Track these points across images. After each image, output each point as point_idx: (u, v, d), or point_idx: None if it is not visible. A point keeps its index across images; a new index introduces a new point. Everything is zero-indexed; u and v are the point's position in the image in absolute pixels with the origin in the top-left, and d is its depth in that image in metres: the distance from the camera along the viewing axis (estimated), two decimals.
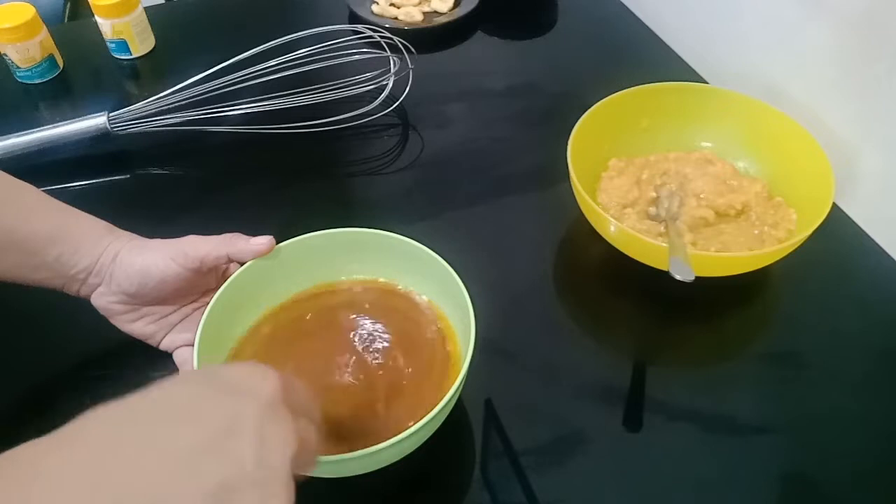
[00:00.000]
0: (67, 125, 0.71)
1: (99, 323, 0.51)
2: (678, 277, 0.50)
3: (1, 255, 0.47)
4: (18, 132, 0.71)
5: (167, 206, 0.69)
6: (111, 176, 0.73)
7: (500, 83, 0.84)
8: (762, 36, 0.75)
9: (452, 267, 0.49)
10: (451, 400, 0.43)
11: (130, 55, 0.86)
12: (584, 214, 0.61)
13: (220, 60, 0.72)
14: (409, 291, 0.54)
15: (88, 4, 0.83)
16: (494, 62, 0.89)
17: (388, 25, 0.87)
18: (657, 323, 0.60)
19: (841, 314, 0.60)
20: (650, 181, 0.65)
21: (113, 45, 0.86)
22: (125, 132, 0.72)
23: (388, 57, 0.75)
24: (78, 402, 0.29)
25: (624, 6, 0.96)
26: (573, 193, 0.60)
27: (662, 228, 0.60)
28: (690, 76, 0.83)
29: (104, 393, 0.29)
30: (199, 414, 0.29)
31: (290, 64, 0.72)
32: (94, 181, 0.71)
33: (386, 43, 0.76)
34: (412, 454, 0.45)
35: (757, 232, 0.61)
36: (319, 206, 0.69)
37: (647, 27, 0.92)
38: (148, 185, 0.72)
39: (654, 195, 0.64)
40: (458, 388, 0.44)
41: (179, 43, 0.91)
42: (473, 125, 0.78)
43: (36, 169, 0.70)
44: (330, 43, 0.74)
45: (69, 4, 1.14)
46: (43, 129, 0.71)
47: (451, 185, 0.72)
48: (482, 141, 0.76)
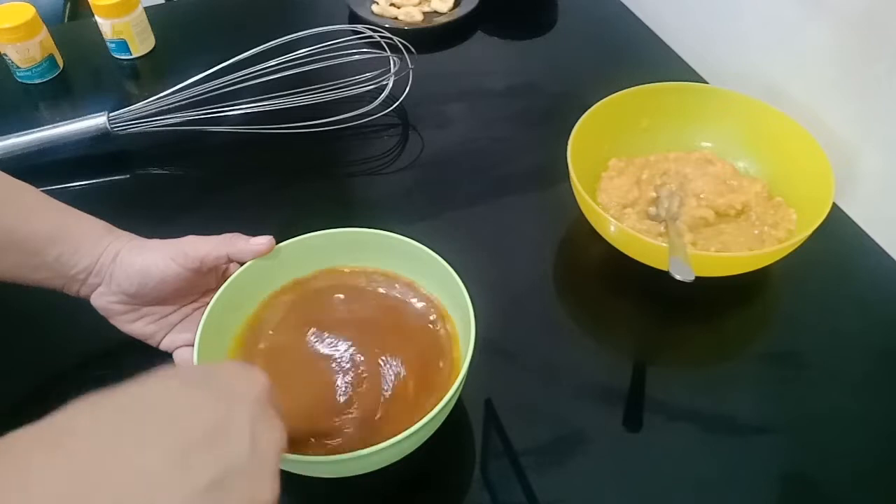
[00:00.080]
0: (67, 125, 0.71)
1: (99, 323, 0.51)
2: (678, 277, 0.50)
3: (1, 255, 0.47)
4: (18, 132, 0.71)
5: (167, 206, 0.69)
6: (111, 176, 0.73)
7: (500, 83, 0.84)
8: (762, 36, 0.75)
9: (452, 267, 0.49)
10: (451, 400, 0.43)
11: (130, 55, 0.87)
12: (584, 214, 0.61)
13: (220, 60, 0.72)
14: (409, 291, 0.54)
15: (88, 4, 0.83)
16: (494, 62, 0.89)
17: (388, 25, 0.87)
18: (657, 323, 0.60)
19: (841, 314, 0.60)
20: (650, 181, 0.65)
21: (113, 45, 0.86)
22: (125, 132, 0.72)
23: (388, 57, 0.75)
24: None
25: (624, 6, 0.96)
26: (573, 193, 0.60)
27: (662, 228, 0.60)
28: (690, 76, 0.83)
29: None
30: (192, 411, 0.30)
31: (290, 64, 0.72)
32: (94, 181, 0.72)
33: (386, 43, 0.76)
34: (412, 454, 0.45)
35: (757, 232, 0.61)
36: (319, 206, 0.69)
37: (647, 27, 0.92)
38: (148, 185, 0.72)
39: (654, 195, 0.64)
40: (458, 388, 0.44)
41: (179, 43, 0.91)
42: (473, 125, 0.78)
43: (36, 169, 0.70)
44: (330, 43, 0.74)
45: (69, 4, 1.14)
46: (43, 129, 0.71)
47: (451, 185, 0.72)
48: (482, 141, 0.76)
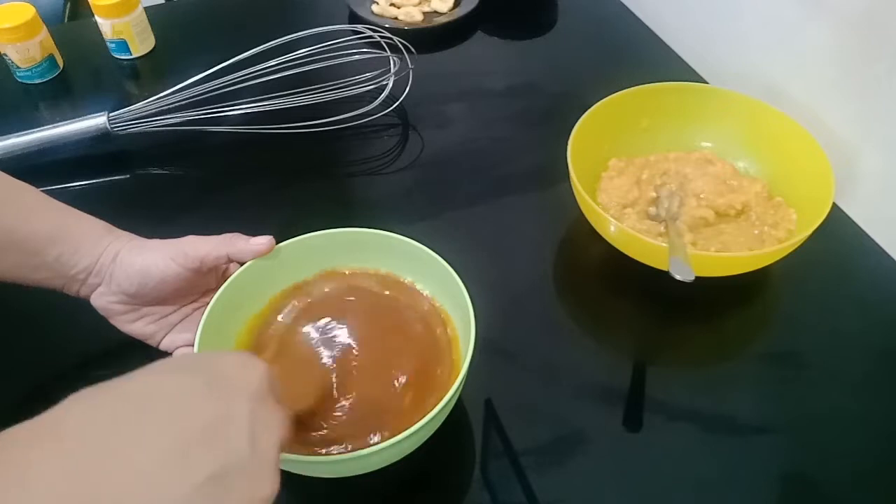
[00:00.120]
0: (67, 125, 0.71)
1: (99, 323, 0.51)
2: (678, 277, 0.50)
3: (1, 255, 0.47)
4: (18, 132, 0.71)
5: (167, 206, 0.69)
6: (111, 176, 0.73)
7: (500, 83, 0.84)
8: (762, 36, 0.75)
9: (452, 267, 0.49)
10: (451, 400, 0.43)
11: (130, 55, 0.86)
12: (584, 214, 0.61)
13: (220, 60, 0.72)
14: (408, 290, 0.54)
15: (88, 4, 0.83)
16: (494, 62, 0.89)
17: (388, 25, 0.87)
18: (657, 323, 0.60)
19: (841, 314, 0.60)
20: (650, 181, 0.65)
21: (113, 45, 0.86)
22: (125, 132, 0.72)
23: (388, 57, 0.75)
24: None
25: (624, 6, 0.96)
26: (573, 193, 0.60)
27: (662, 228, 0.60)
28: (690, 76, 0.83)
29: None
30: (190, 406, 0.29)
31: (290, 64, 0.72)
32: (94, 181, 0.71)
33: (386, 43, 0.76)
34: (412, 454, 0.45)
35: (757, 232, 0.61)
36: (319, 206, 0.69)
37: (647, 27, 0.92)
38: (148, 185, 0.72)
39: (654, 195, 0.64)
40: (458, 388, 0.44)
41: (179, 43, 0.91)
42: (473, 125, 0.78)
43: (36, 169, 0.70)
44: (330, 43, 0.74)
45: (69, 4, 1.14)
46: (43, 129, 0.71)
47: (451, 185, 0.72)
48: (482, 141, 0.76)
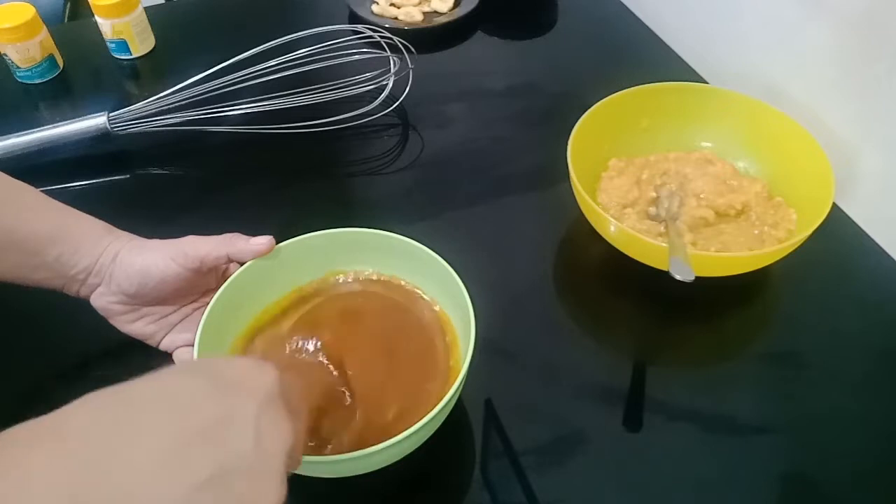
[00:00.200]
0: (67, 125, 0.71)
1: (99, 323, 0.51)
2: (678, 277, 0.50)
3: (1, 255, 0.47)
4: (18, 132, 0.71)
5: (167, 206, 0.69)
6: (111, 176, 0.73)
7: (500, 83, 0.84)
8: (762, 36, 0.75)
9: (452, 267, 0.49)
10: (451, 400, 0.43)
11: (130, 55, 0.86)
12: (584, 214, 0.61)
13: (220, 60, 0.72)
14: (409, 290, 0.54)
15: (88, 4, 0.83)
16: (494, 62, 0.89)
17: (388, 25, 0.87)
18: (657, 323, 0.60)
19: (841, 314, 0.60)
20: (650, 181, 0.65)
21: (113, 45, 0.86)
22: (125, 132, 0.72)
23: (388, 57, 0.75)
24: None
25: (624, 6, 0.96)
26: (573, 193, 0.60)
27: (662, 228, 0.60)
28: (690, 76, 0.83)
29: None
30: (195, 407, 0.29)
31: (290, 64, 0.72)
32: (94, 181, 0.71)
33: (386, 43, 0.76)
34: (412, 454, 0.45)
35: (757, 232, 0.61)
36: (319, 206, 0.69)
37: (647, 27, 0.92)
38: (148, 185, 0.72)
39: (654, 195, 0.64)
40: (458, 388, 0.44)
41: (179, 43, 0.91)
42: (473, 125, 0.78)
43: (36, 169, 0.70)
44: (330, 43, 0.74)
45: (69, 4, 1.14)
46: (43, 129, 0.71)
47: (451, 185, 0.72)
48: (482, 141, 0.76)
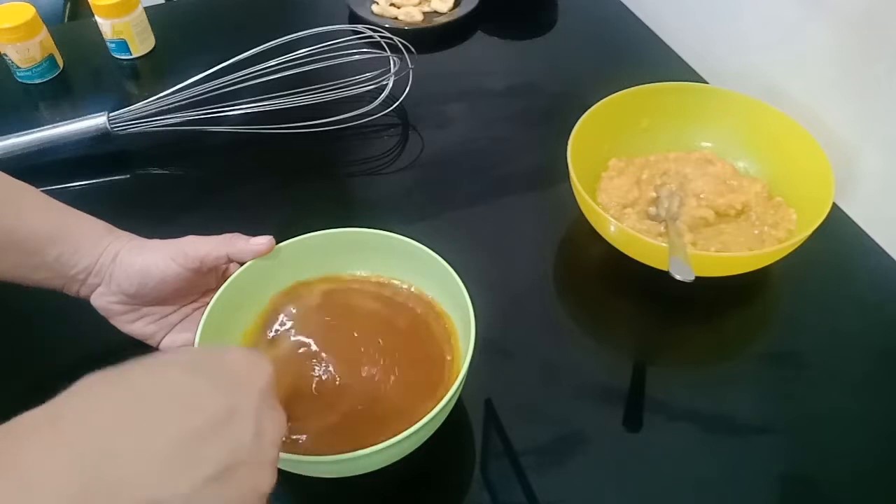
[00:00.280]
0: (67, 125, 0.71)
1: (99, 323, 0.51)
2: (678, 277, 0.50)
3: (1, 255, 0.47)
4: (18, 132, 0.71)
5: (167, 206, 0.69)
6: (111, 176, 0.73)
7: (500, 83, 0.84)
8: (762, 36, 0.75)
9: (452, 267, 0.49)
10: (451, 400, 0.43)
11: (130, 55, 0.86)
12: (584, 214, 0.61)
13: (220, 60, 0.72)
14: (408, 290, 0.54)
15: (88, 4, 0.83)
16: (494, 62, 0.89)
17: (388, 25, 0.87)
18: (657, 323, 0.60)
19: (841, 314, 0.60)
20: (650, 181, 0.65)
21: (113, 45, 0.86)
22: (125, 132, 0.72)
23: (388, 57, 0.75)
24: None
25: (624, 6, 0.96)
26: (573, 193, 0.60)
27: (662, 228, 0.60)
28: (690, 76, 0.83)
29: None
30: (199, 406, 0.30)
31: (290, 64, 0.72)
32: (94, 181, 0.71)
33: (386, 43, 0.76)
34: (412, 454, 0.45)
35: (757, 232, 0.61)
36: (319, 206, 0.69)
37: (647, 27, 0.92)
38: (148, 185, 0.72)
39: (654, 195, 0.64)
40: (458, 388, 0.44)
41: (179, 43, 0.91)
42: (473, 125, 0.78)
43: (36, 169, 0.70)
44: (330, 43, 0.74)
45: (69, 4, 1.14)
46: (43, 129, 0.71)
47: (451, 185, 0.72)
48: (482, 141, 0.76)
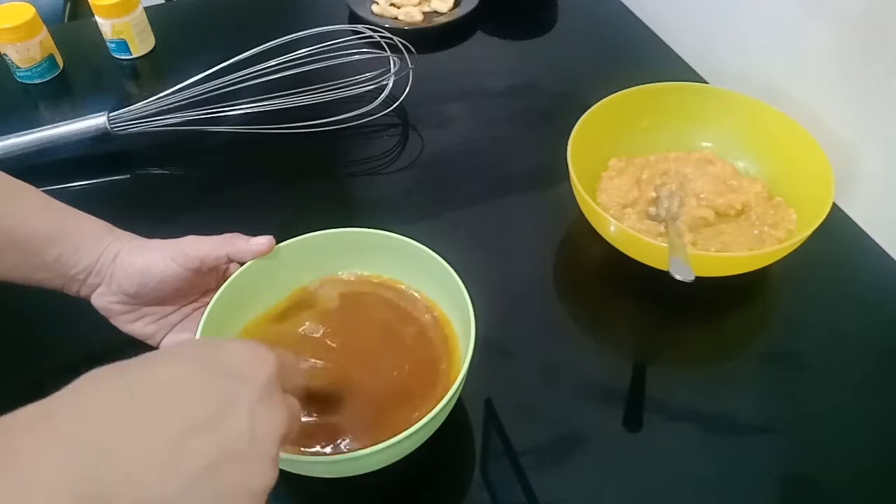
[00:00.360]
0: (67, 125, 0.71)
1: (99, 323, 0.51)
2: (678, 277, 0.50)
3: (1, 255, 0.47)
4: (18, 132, 0.71)
5: (167, 206, 0.69)
6: (111, 176, 0.73)
7: (500, 83, 0.84)
8: (762, 36, 0.75)
9: (452, 267, 0.49)
10: (451, 400, 0.43)
11: (130, 55, 0.86)
12: (584, 214, 0.61)
13: (220, 60, 0.72)
14: (408, 291, 0.54)
15: (88, 4, 0.83)
16: (494, 62, 0.89)
17: (388, 25, 0.87)
18: (657, 323, 0.60)
19: (841, 314, 0.60)
20: (650, 181, 0.65)
21: (113, 45, 0.86)
22: (125, 132, 0.72)
23: (388, 57, 0.75)
24: None
25: (624, 6, 0.96)
26: (573, 193, 0.60)
27: (662, 228, 0.60)
28: (690, 76, 0.83)
29: None
30: (194, 398, 0.30)
31: (290, 64, 0.72)
32: (94, 181, 0.71)
33: (386, 43, 0.76)
34: (412, 454, 0.45)
35: (757, 232, 0.61)
36: (319, 206, 0.69)
37: (647, 27, 0.92)
38: (148, 185, 0.72)
39: (654, 195, 0.64)
40: (458, 388, 0.44)
41: (179, 43, 0.91)
42: (473, 125, 0.78)
43: (36, 169, 0.70)
44: (330, 43, 0.74)
45: (69, 4, 1.14)
46: (43, 129, 0.71)
47: (451, 185, 0.72)
48: (482, 141, 0.76)
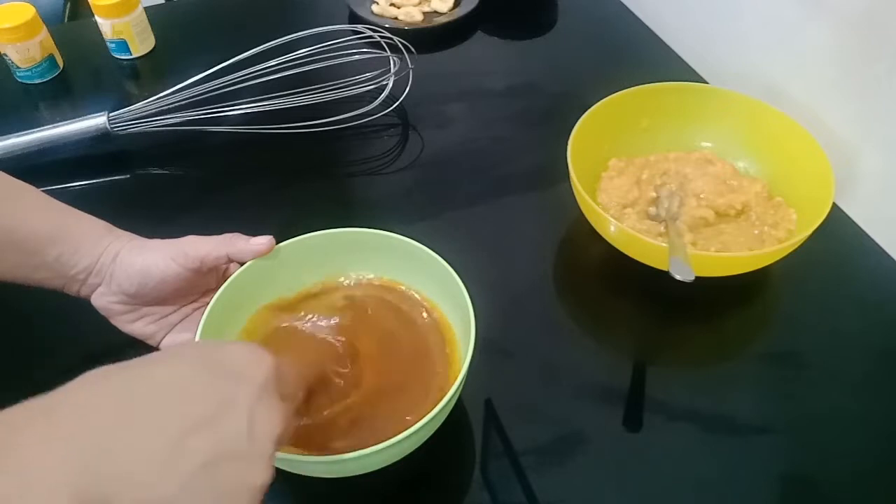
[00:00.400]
0: (67, 125, 0.71)
1: (99, 323, 0.51)
2: (678, 277, 0.50)
3: (1, 255, 0.47)
4: (18, 132, 0.71)
5: (167, 206, 0.69)
6: (111, 176, 0.73)
7: (500, 83, 0.84)
8: (762, 36, 0.75)
9: (452, 267, 0.49)
10: (451, 400, 0.43)
11: (130, 55, 0.86)
12: (584, 214, 0.61)
13: (220, 60, 0.72)
14: (409, 291, 0.54)
15: (88, 4, 0.83)
16: (494, 62, 0.89)
17: (388, 25, 0.87)
18: (657, 323, 0.60)
19: (841, 314, 0.60)
20: (650, 181, 0.65)
21: (113, 45, 0.86)
22: (125, 132, 0.72)
23: (388, 57, 0.75)
24: None
25: (624, 6, 0.96)
26: (573, 193, 0.60)
27: (662, 228, 0.60)
28: (690, 76, 0.83)
29: None
30: (192, 398, 0.30)
31: (290, 64, 0.72)
32: (94, 181, 0.71)
33: (386, 43, 0.76)
34: (412, 454, 0.45)
35: (757, 232, 0.61)
36: (319, 206, 0.69)
37: (647, 27, 0.92)
38: (148, 185, 0.72)
39: (654, 195, 0.64)
40: (458, 388, 0.44)
41: (179, 43, 0.91)
42: (473, 125, 0.78)
43: (36, 169, 0.70)
44: (330, 43, 0.74)
45: (69, 4, 1.14)
46: (43, 129, 0.71)
47: (451, 185, 0.72)
48: (482, 141, 0.76)
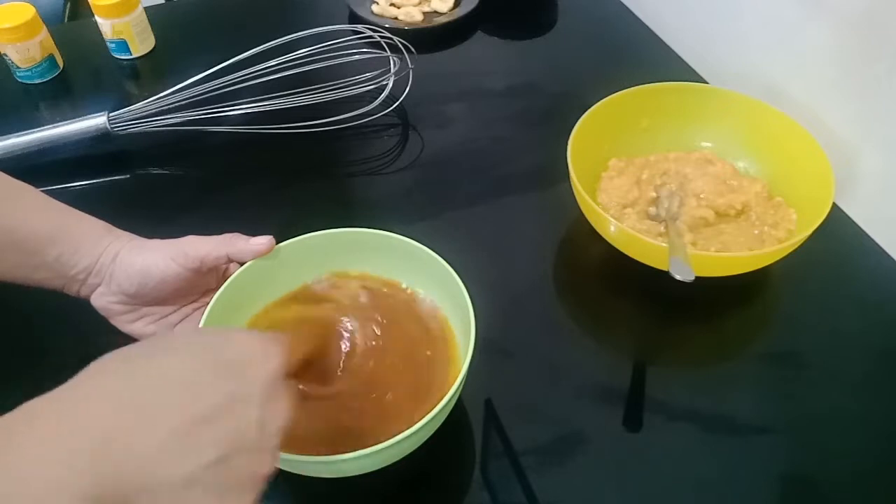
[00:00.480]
0: (67, 125, 0.71)
1: (99, 323, 0.51)
2: (678, 277, 0.50)
3: (1, 255, 0.47)
4: (18, 132, 0.71)
5: (167, 206, 0.69)
6: (111, 176, 0.73)
7: (500, 83, 0.84)
8: (762, 36, 0.75)
9: (452, 267, 0.49)
10: (451, 400, 0.43)
11: (130, 55, 0.86)
12: (584, 214, 0.61)
13: (220, 60, 0.72)
14: (409, 291, 0.54)
15: (88, 4, 0.83)
16: (494, 62, 0.89)
17: (388, 25, 0.87)
18: (657, 323, 0.60)
19: (841, 314, 0.60)
20: (650, 181, 0.65)
21: (113, 45, 0.86)
22: (125, 132, 0.72)
23: (388, 57, 0.75)
24: None
25: (624, 6, 0.96)
26: (573, 193, 0.60)
27: (662, 228, 0.60)
28: (690, 76, 0.83)
29: None
30: (202, 392, 0.30)
31: (290, 64, 0.72)
32: (94, 181, 0.71)
33: (386, 43, 0.76)
34: (412, 454, 0.45)
35: (757, 232, 0.61)
36: (319, 206, 0.69)
37: (647, 27, 0.92)
38: (148, 185, 0.72)
39: (654, 195, 0.64)
40: (458, 388, 0.44)
41: (179, 43, 0.91)
42: (473, 125, 0.78)
43: (36, 169, 0.70)
44: (330, 43, 0.74)
45: (69, 4, 1.14)
46: (43, 129, 0.71)
47: (451, 185, 0.72)
48: (482, 141, 0.76)
